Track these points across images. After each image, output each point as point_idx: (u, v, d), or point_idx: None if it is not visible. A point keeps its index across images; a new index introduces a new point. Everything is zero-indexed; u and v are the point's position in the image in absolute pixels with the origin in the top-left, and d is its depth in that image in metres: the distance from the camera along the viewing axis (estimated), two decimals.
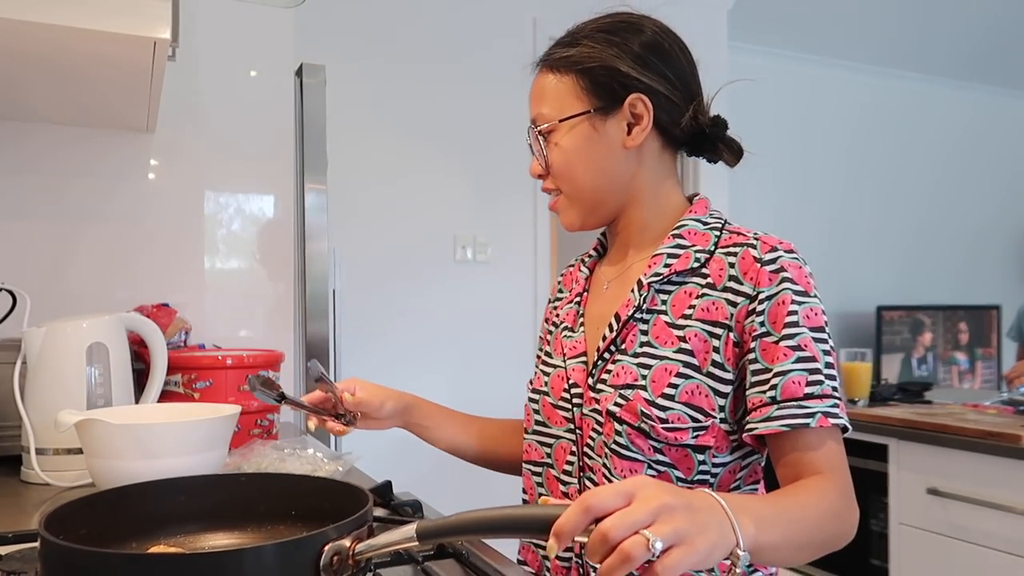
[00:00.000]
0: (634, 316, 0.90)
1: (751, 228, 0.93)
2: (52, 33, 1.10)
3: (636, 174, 0.95)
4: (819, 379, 0.81)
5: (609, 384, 0.89)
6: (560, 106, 0.93)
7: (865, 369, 2.22)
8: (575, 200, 0.95)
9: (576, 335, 0.97)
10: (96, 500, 0.73)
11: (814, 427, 0.80)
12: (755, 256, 0.85)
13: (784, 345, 0.81)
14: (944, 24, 4.33)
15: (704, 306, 0.87)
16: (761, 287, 0.84)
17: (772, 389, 0.81)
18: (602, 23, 0.96)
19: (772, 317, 0.83)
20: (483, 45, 3.23)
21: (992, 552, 1.75)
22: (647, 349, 0.88)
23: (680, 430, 0.84)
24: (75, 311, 1.50)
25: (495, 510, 0.64)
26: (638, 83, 0.92)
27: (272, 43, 1.98)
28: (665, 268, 0.90)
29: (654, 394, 0.85)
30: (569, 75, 0.93)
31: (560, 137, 0.93)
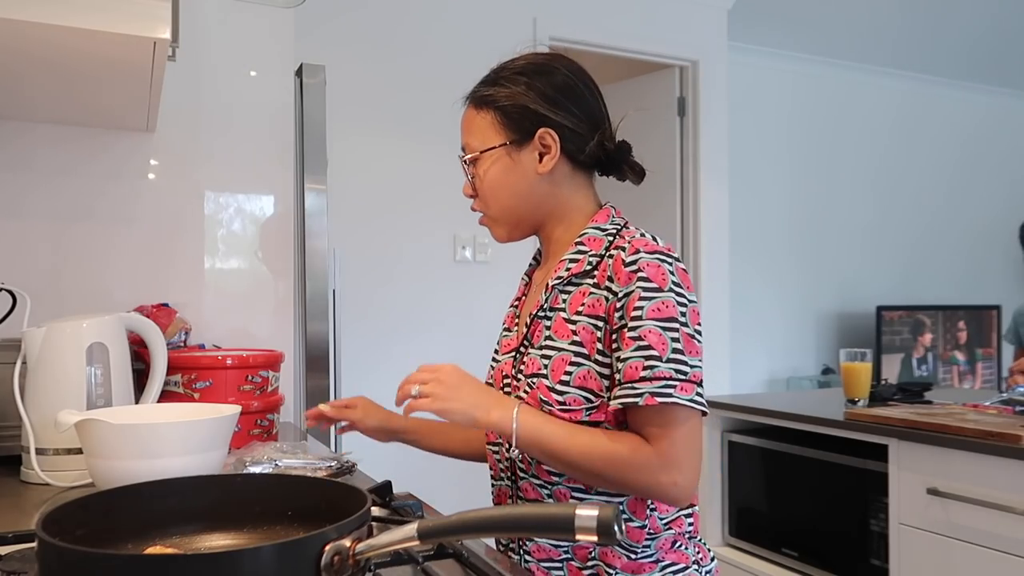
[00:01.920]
0: (538, 315, 1.07)
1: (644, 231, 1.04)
2: (52, 33, 1.10)
3: (550, 194, 1.10)
4: (654, 364, 0.95)
5: (524, 374, 1.06)
6: (483, 138, 1.09)
7: (865, 369, 2.22)
8: (498, 219, 1.11)
9: (512, 334, 1.15)
10: (93, 501, 0.73)
11: (642, 405, 0.94)
12: (622, 259, 1.00)
13: (629, 336, 0.97)
14: (946, 24, 4.33)
15: (590, 303, 1.02)
16: (622, 285, 0.99)
17: (618, 373, 0.97)
18: (519, 65, 1.10)
19: (627, 311, 0.98)
20: (483, 45, 3.23)
21: (992, 552, 1.75)
22: (548, 342, 1.04)
23: (575, 410, 1.00)
24: (75, 311, 1.50)
25: (496, 510, 0.64)
26: (546, 119, 1.06)
27: (272, 43, 1.98)
28: (566, 272, 1.06)
29: (553, 381, 1.01)
30: (489, 111, 1.08)
31: (483, 165, 1.09)
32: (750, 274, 4.50)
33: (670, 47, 3.77)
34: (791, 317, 4.75)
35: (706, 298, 3.92)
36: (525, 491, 1.07)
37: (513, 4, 3.30)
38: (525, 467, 1.06)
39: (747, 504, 2.47)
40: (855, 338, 4.78)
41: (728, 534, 2.52)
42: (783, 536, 2.33)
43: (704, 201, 3.90)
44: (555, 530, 0.61)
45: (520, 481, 1.08)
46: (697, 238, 3.90)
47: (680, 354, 0.97)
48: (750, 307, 4.48)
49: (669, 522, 1.04)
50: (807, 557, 2.25)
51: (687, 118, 3.92)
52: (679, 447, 0.96)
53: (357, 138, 3.00)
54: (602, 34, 3.58)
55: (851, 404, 2.20)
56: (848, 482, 2.13)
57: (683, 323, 0.98)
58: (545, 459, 1.00)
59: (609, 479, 0.97)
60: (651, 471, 0.95)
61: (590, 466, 0.97)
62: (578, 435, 0.97)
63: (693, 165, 3.90)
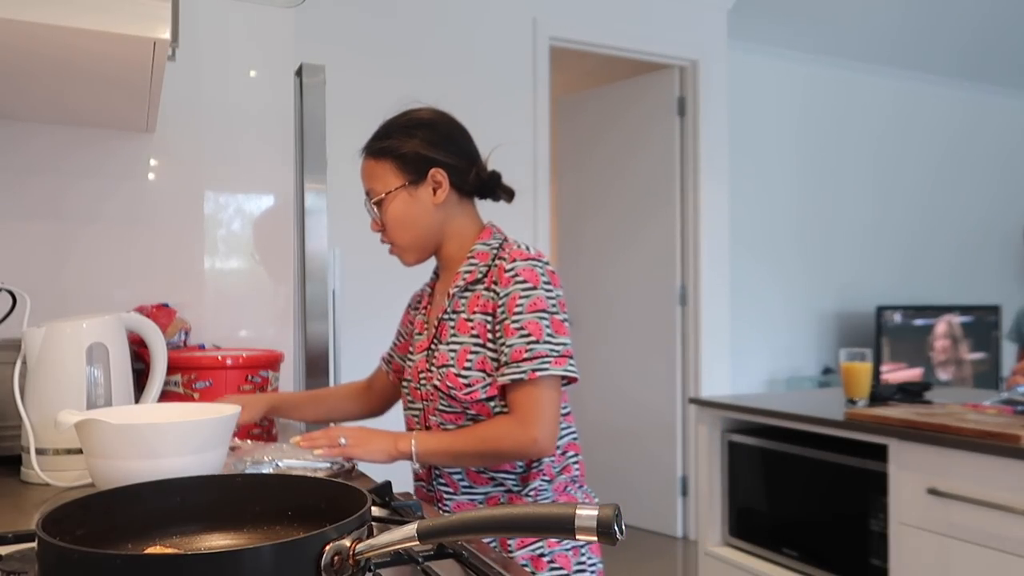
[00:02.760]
0: (443, 317, 1.30)
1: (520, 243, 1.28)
2: (52, 33, 1.10)
3: (444, 220, 1.32)
4: (533, 348, 1.19)
5: (435, 366, 1.27)
6: (384, 182, 1.30)
7: (865, 369, 2.22)
8: (407, 247, 1.33)
9: (421, 337, 1.36)
10: (93, 501, 0.73)
11: (526, 380, 1.19)
12: (504, 266, 1.25)
13: (512, 326, 1.20)
14: (946, 23, 4.33)
15: (483, 303, 1.25)
16: (504, 287, 1.23)
17: (504, 355, 1.21)
18: (405, 120, 1.32)
19: (507, 307, 1.22)
20: (483, 44, 3.24)
21: (992, 552, 1.75)
22: (453, 339, 1.26)
23: (476, 388, 1.23)
24: (75, 311, 1.50)
25: (496, 510, 0.64)
26: (435, 160, 1.30)
27: (272, 43, 1.98)
28: (463, 281, 1.29)
29: (459, 368, 1.24)
30: (387, 159, 1.30)
31: (388, 205, 1.30)
32: (750, 274, 4.50)
33: (670, 47, 3.77)
34: (791, 317, 4.75)
35: (706, 298, 3.92)
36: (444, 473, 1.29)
37: (513, 4, 3.30)
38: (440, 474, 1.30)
39: (747, 504, 2.47)
40: (855, 338, 4.78)
41: (728, 534, 2.52)
42: (783, 536, 2.33)
43: (704, 201, 3.90)
44: (555, 530, 0.61)
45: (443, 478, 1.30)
46: (697, 238, 3.91)
47: (552, 337, 1.21)
48: (750, 307, 4.48)
49: (560, 469, 1.28)
50: (807, 557, 2.25)
51: (687, 118, 3.92)
52: (535, 410, 1.19)
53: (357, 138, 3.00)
54: (602, 34, 3.58)
55: (851, 404, 2.20)
56: (848, 482, 2.13)
57: (553, 312, 1.22)
58: (441, 462, 1.25)
59: (488, 456, 1.21)
60: (513, 436, 1.19)
61: (471, 452, 1.21)
62: (457, 436, 1.23)
63: (693, 165, 3.90)
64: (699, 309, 3.90)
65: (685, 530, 3.99)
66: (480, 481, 1.26)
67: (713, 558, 2.51)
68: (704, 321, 3.90)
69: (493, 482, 1.26)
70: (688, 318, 3.94)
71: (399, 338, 1.51)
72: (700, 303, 3.90)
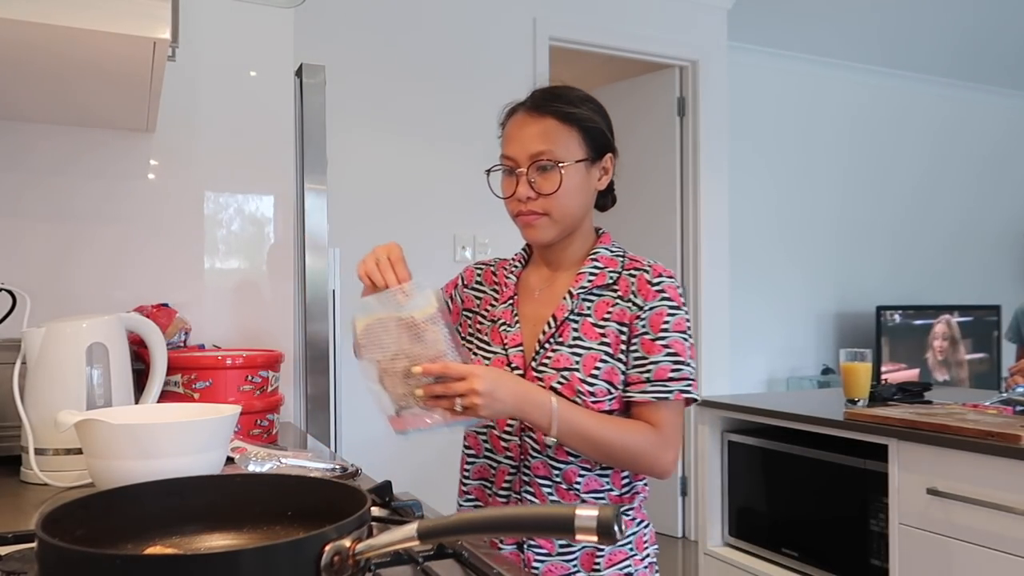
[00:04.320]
0: (568, 317, 1.22)
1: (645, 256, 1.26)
2: (52, 33, 1.10)
3: (589, 211, 1.28)
4: (680, 367, 1.17)
5: (551, 367, 1.19)
6: (568, 150, 1.20)
7: (865, 369, 2.22)
8: (558, 222, 1.22)
9: (513, 329, 1.26)
10: (92, 501, 0.73)
11: (672, 399, 1.17)
12: (647, 279, 1.21)
13: (658, 343, 1.17)
14: (946, 23, 4.33)
15: (617, 312, 1.21)
16: (647, 301, 1.19)
17: (648, 372, 1.17)
18: (583, 95, 1.25)
19: (651, 322, 1.18)
20: (483, 45, 3.24)
21: (992, 552, 1.75)
22: (578, 342, 1.20)
23: (600, 400, 1.17)
24: (75, 311, 1.50)
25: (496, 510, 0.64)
26: (611, 145, 1.26)
27: (272, 43, 1.98)
28: (588, 283, 1.23)
29: (585, 374, 1.18)
30: (574, 127, 1.21)
31: (565, 174, 1.19)
32: (750, 274, 4.50)
33: (670, 47, 3.77)
34: (791, 317, 4.75)
35: (706, 298, 3.92)
36: (535, 468, 1.19)
37: (513, 4, 3.30)
38: (540, 448, 1.19)
39: (747, 504, 2.47)
40: (855, 338, 4.78)
41: (728, 534, 2.52)
42: (783, 536, 2.33)
43: (704, 201, 3.90)
44: (555, 530, 0.61)
45: (532, 459, 1.20)
46: (697, 238, 3.90)
47: (691, 360, 1.19)
48: (750, 307, 4.48)
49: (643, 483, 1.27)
50: (807, 557, 2.25)
51: (687, 118, 3.92)
52: (676, 432, 1.19)
53: (357, 138, 3.00)
54: (602, 34, 3.58)
55: (851, 404, 2.20)
56: (848, 482, 2.13)
57: (691, 335, 1.21)
58: (576, 443, 1.14)
59: (624, 461, 1.17)
60: (655, 453, 1.16)
61: (613, 451, 1.15)
62: (606, 425, 1.15)
63: (693, 165, 3.90)
64: (699, 309, 3.90)
65: (685, 530, 3.99)
66: None
67: (713, 558, 2.51)
68: (704, 321, 3.90)
69: None
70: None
71: None
72: (700, 303, 3.90)
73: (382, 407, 1.09)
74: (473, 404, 1.04)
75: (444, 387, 1.04)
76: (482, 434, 1.26)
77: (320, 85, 2.07)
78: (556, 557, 1.17)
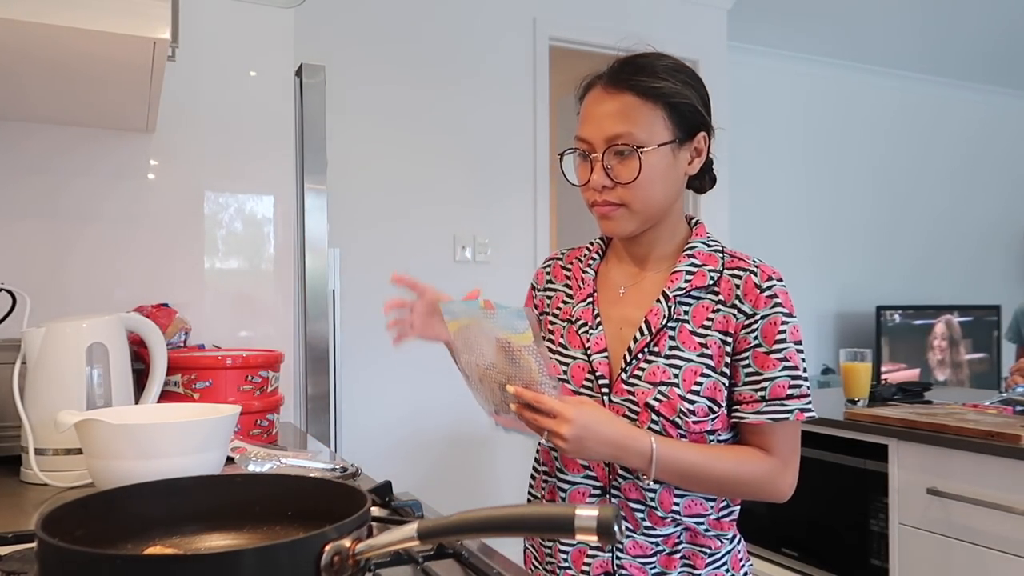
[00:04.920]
0: (665, 324, 1.06)
1: (747, 253, 1.11)
2: (52, 33, 1.10)
3: (679, 197, 1.11)
4: (799, 383, 1.03)
5: (645, 380, 1.05)
6: (650, 131, 1.04)
7: (865, 369, 2.22)
8: (639, 213, 1.07)
9: (596, 332, 1.10)
10: (93, 501, 0.73)
11: (792, 420, 1.03)
12: (755, 282, 1.05)
13: (774, 357, 1.03)
14: (945, 24, 4.33)
15: (719, 319, 1.05)
16: (758, 308, 1.04)
17: (762, 390, 1.03)
18: (672, 63, 1.08)
19: (764, 333, 1.04)
20: (483, 45, 3.23)
21: (992, 552, 1.75)
22: (676, 352, 1.05)
23: (702, 421, 1.04)
24: (75, 311, 1.50)
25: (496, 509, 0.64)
26: (705, 123, 1.08)
27: (272, 43, 1.98)
28: (685, 283, 1.07)
29: (684, 390, 1.03)
30: (659, 104, 1.04)
31: (646, 159, 1.03)
32: None
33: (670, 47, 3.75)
34: None
35: None
36: (626, 491, 1.06)
37: (513, 4, 3.30)
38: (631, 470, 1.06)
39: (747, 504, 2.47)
40: (855, 338, 4.78)
41: None
42: (783, 536, 2.33)
43: (704, 201, 3.90)
44: (555, 530, 0.61)
45: (621, 481, 1.07)
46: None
47: (806, 372, 1.05)
48: None
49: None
50: (807, 557, 2.25)
51: None
52: (795, 454, 1.08)
53: (357, 138, 3.00)
54: (602, 34, 3.57)
55: (851, 404, 2.20)
56: (848, 482, 2.13)
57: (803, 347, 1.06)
58: (681, 483, 1.04)
59: (739, 493, 1.09)
60: (776, 482, 1.07)
61: (725, 486, 1.06)
62: (715, 459, 1.03)
63: None
64: None
65: None
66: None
67: None
68: None
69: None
70: None
71: None
72: None
73: (481, 403, 1.06)
74: (557, 446, 0.96)
75: (533, 416, 0.97)
76: (555, 449, 1.10)
77: (320, 85, 2.07)
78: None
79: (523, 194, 3.29)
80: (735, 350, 1.05)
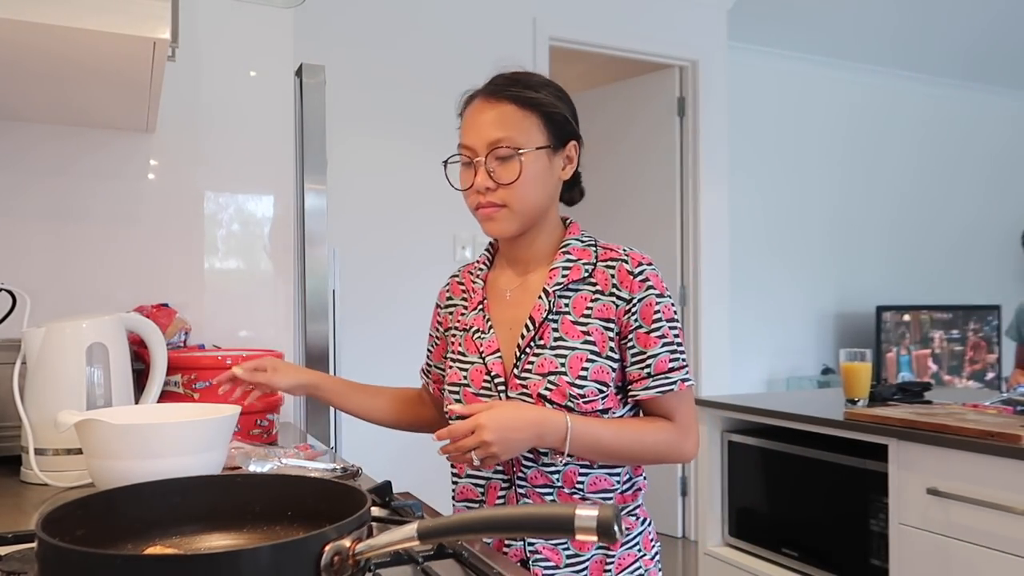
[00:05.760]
0: (547, 318, 1.15)
1: (618, 244, 1.19)
2: (52, 33, 1.10)
3: (553, 201, 1.20)
4: (677, 357, 1.14)
5: (535, 372, 1.13)
6: (528, 137, 1.14)
7: (865, 369, 2.22)
8: (519, 213, 1.15)
9: (488, 336, 1.19)
10: (93, 501, 0.73)
11: (677, 390, 1.14)
12: (628, 270, 1.15)
13: (654, 336, 1.13)
14: (945, 24, 4.33)
15: (599, 308, 1.15)
16: (634, 293, 1.14)
17: (648, 367, 1.14)
18: (544, 80, 1.20)
19: (643, 315, 1.14)
20: (483, 45, 3.23)
21: (992, 552, 1.75)
22: (560, 343, 1.14)
23: (593, 401, 1.12)
24: (75, 311, 1.50)
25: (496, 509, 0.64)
26: (575, 133, 1.19)
27: (272, 43, 1.98)
28: (563, 278, 1.16)
29: (573, 376, 1.12)
30: (534, 113, 1.14)
31: (526, 161, 1.13)
32: (750, 274, 4.50)
33: (670, 47, 3.77)
34: (790, 317, 4.75)
35: (706, 298, 3.92)
36: (532, 479, 1.13)
37: (513, 4, 3.30)
38: (534, 457, 1.13)
39: (747, 504, 2.47)
40: (855, 338, 4.78)
41: (728, 534, 2.52)
42: (783, 536, 2.33)
43: (703, 201, 3.90)
44: (555, 530, 0.61)
45: (526, 471, 1.14)
46: (697, 238, 3.90)
47: (682, 345, 1.17)
48: (749, 307, 4.48)
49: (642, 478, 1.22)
50: (807, 557, 2.25)
51: (687, 118, 3.92)
52: (692, 416, 1.18)
53: (357, 138, 3.00)
54: (602, 34, 3.58)
55: (851, 404, 2.20)
56: (848, 482, 2.13)
57: (679, 320, 1.17)
58: (593, 456, 1.12)
59: (648, 460, 1.16)
60: (679, 445, 1.16)
61: (634, 455, 1.14)
62: (623, 432, 1.13)
63: (693, 165, 3.90)
64: (699, 309, 3.90)
65: (685, 530, 3.99)
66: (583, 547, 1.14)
67: (713, 558, 2.51)
68: (704, 321, 3.90)
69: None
70: (688, 318, 3.94)
71: (433, 344, 1.35)
72: (700, 303, 3.90)
73: None
74: (491, 455, 1.02)
75: (456, 446, 1.03)
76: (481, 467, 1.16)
77: (320, 85, 2.07)
78: (565, 569, 1.11)
79: None
80: (621, 334, 1.15)
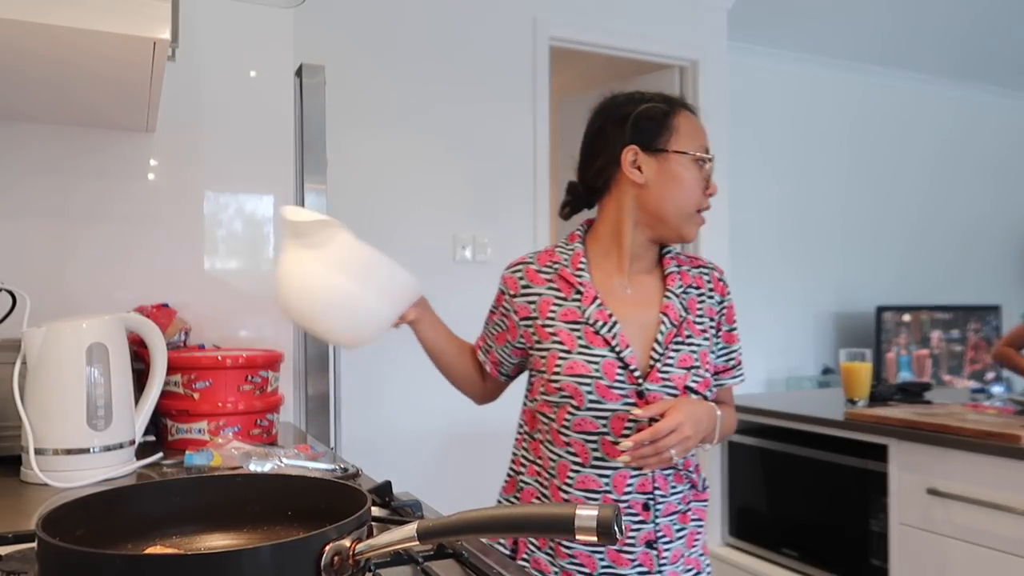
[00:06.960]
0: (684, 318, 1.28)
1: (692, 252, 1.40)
2: (52, 33, 1.10)
3: None
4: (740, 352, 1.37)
5: (677, 367, 1.24)
6: None
7: (865, 369, 2.22)
8: None
9: (615, 329, 1.23)
10: (93, 501, 0.73)
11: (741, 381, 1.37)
12: (717, 276, 1.36)
13: (735, 334, 1.35)
14: (945, 23, 4.33)
15: (706, 308, 1.32)
16: (724, 296, 1.35)
17: (731, 360, 1.35)
18: None
19: (728, 315, 1.35)
20: (483, 45, 3.23)
21: (992, 552, 1.75)
22: (691, 340, 1.27)
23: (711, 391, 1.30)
24: (75, 311, 1.50)
25: (496, 509, 0.64)
26: None
27: (272, 43, 1.98)
28: (682, 281, 1.31)
29: (707, 369, 1.27)
30: None
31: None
32: (750, 273, 4.50)
33: (670, 47, 3.77)
34: (790, 317, 4.75)
35: None
36: None
37: (513, 4, 3.30)
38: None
39: (747, 504, 2.47)
40: (854, 338, 4.78)
41: (728, 534, 2.52)
42: (783, 536, 2.33)
43: None
44: (555, 530, 0.61)
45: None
46: (697, 237, 3.90)
47: None
48: (750, 307, 4.48)
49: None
50: (807, 557, 2.25)
51: None
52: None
53: (357, 138, 3.00)
54: (602, 34, 3.57)
55: (851, 404, 2.20)
56: (848, 482, 2.13)
57: None
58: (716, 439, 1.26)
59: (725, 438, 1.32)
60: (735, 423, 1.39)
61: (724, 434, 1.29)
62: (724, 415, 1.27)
63: None
64: None
65: None
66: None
67: (713, 558, 2.51)
68: None
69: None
70: None
71: (495, 327, 1.38)
72: None
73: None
74: (687, 449, 1.15)
75: (655, 448, 1.12)
76: (592, 442, 1.21)
77: (320, 85, 2.07)
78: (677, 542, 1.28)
79: (523, 194, 3.29)
80: (716, 331, 1.32)
